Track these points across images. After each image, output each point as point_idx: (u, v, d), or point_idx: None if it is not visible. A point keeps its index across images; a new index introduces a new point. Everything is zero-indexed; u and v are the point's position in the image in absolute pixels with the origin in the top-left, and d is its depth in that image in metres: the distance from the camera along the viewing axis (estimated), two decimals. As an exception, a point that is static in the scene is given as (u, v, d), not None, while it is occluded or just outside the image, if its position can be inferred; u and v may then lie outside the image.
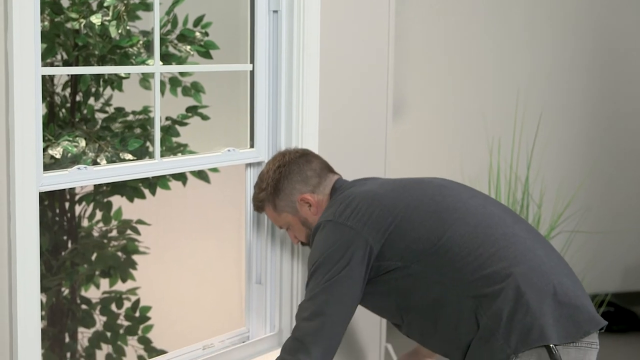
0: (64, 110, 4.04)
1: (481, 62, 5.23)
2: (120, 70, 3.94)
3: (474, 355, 2.37)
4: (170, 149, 3.94)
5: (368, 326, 3.46)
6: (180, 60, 3.85)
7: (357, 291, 2.49)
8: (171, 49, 3.88)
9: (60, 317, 4.14)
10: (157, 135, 2.77)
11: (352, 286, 2.47)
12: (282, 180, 2.71)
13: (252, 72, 3.01)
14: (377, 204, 2.53)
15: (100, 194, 4.13)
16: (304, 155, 2.77)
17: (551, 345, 2.30)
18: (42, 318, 3.97)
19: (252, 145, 3.04)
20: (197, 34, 3.90)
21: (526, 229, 2.55)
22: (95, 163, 3.59)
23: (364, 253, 2.47)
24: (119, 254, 4.18)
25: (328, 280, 2.45)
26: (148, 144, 3.88)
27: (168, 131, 3.94)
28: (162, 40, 3.83)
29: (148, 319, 4.22)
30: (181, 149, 4.00)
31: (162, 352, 3.99)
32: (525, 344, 2.30)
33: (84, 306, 4.20)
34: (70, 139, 3.57)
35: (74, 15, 3.65)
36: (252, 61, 3.00)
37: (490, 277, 2.38)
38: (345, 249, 2.47)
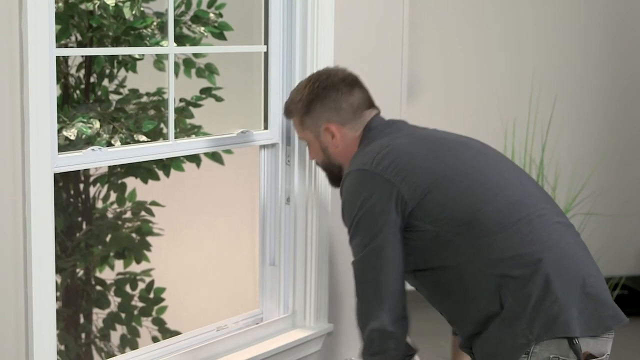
0: (78, 91, 4.04)
1: (496, 43, 5.21)
2: (135, 51, 3.94)
3: (494, 334, 2.33)
4: (184, 130, 3.95)
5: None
6: (194, 42, 3.85)
7: (400, 244, 2.40)
8: (185, 30, 3.87)
9: (75, 298, 4.16)
10: (171, 116, 2.77)
11: (395, 241, 2.39)
12: (316, 101, 2.61)
13: (266, 54, 3.00)
14: (416, 162, 2.43)
15: (115, 175, 4.14)
16: (349, 85, 2.64)
17: (574, 338, 2.27)
18: (57, 299, 3.98)
19: (266, 127, 3.04)
20: (211, 15, 3.89)
21: (559, 212, 2.49)
22: (109, 144, 3.60)
23: (401, 208, 2.38)
24: (133, 235, 4.19)
25: (372, 240, 2.39)
26: (162, 125, 3.88)
27: (182, 113, 3.94)
28: (176, 22, 3.82)
29: (162, 300, 4.24)
30: (195, 130, 4.00)
31: (176, 333, 4.01)
32: (549, 333, 2.27)
33: (98, 287, 4.22)
34: (85, 120, 3.58)
35: (88, -4, 3.64)
36: (266, 42, 2.99)
37: (520, 258, 2.33)
38: (384, 202, 2.38)
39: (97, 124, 3.59)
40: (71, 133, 3.47)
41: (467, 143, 2.59)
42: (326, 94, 2.60)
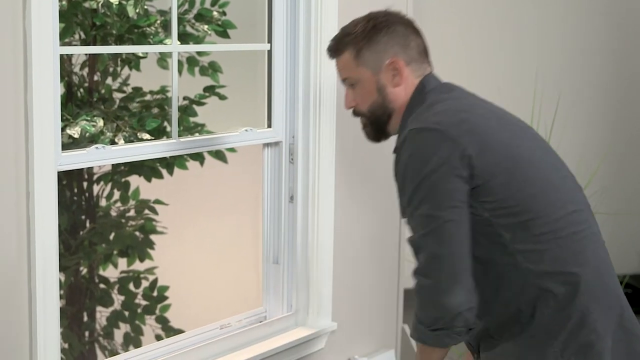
0: (82, 89, 4.04)
1: (498, 44, 5.20)
2: (138, 49, 3.94)
3: (519, 350, 2.20)
4: (188, 128, 3.95)
5: (385, 306, 3.47)
6: (198, 40, 3.85)
7: (467, 217, 2.13)
8: (189, 29, 3.88)
9: (79, 296, 4.16)
10: (175, 115, 2.77)
11: (466, 214, 2.12)
12: (382, 32, 2.30)
13: (269, 52, 3.00)
14: (493, 138, 2.18)
15: (118, 173, 4.14)
16: (412, 26, 2.36)
17: None
18: (61, 297, 3.99)
19: (269, 125, 3.04)
20: (215, 13, 3.90)
21: (596, 223, 2.32)
22: (113, 143, 3.60)
23: (470, 180, 2.12)
24: (137, 233, 4.20)
25: (444, 211, 2.10)
26: (165, 123, 3.88)
27: (186, 111, 3.94)
28: (180, 20, 3.82)
29: (166, 298, 4.25)
30: (199, 128, 4.00)
31: (180, 331, 4.01)
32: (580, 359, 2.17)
33: (102, 285, 4.22)
34: (88, 118, 3.58)
35: (91, -6, 3.65)
36: (269, 41, 2.99)
37: (567, 276, 2.16)
38: (457, 170, 2.11)
39: (100, 122, 3.60)
40: (75, 131, 3.47)
41: (525, 128, 2.35)
42: (394, 27, 2.31)
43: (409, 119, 2.27)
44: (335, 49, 2.36)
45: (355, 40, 2.31)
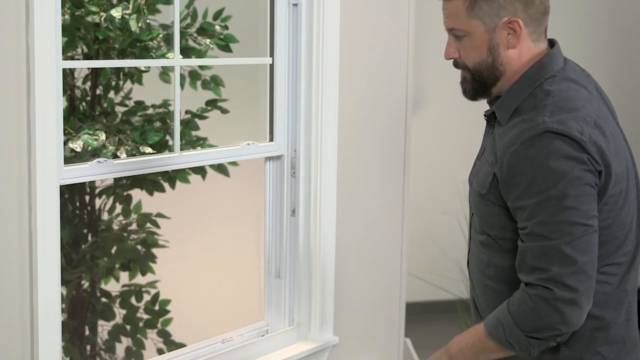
0: (84, 103, 4.05)
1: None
2: (141, 63, 3.95)
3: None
4: (190, 142, 3.95)
5: (387, 320, 3.46)
6: (200, 54, 3.86)
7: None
8: (191, 43, 3.88)
9: (81, 310, 4.16)
10: (177, 128, 2.77)
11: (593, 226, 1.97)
12: None
13: (271, 66, 3.00)
14: (612, 147, 2.03)
15: (120, 187, 4.14)
16: None
17: None
18: (63, 311, 3.99)
19: (271, 139, 3.04)
20: (217, 27, 3.90)
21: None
22: (115, 156, 3.60)
23: (599, 190, 1.99)
24: (139, 247, 4.20)
25: (586, 221, 1.94)
26: (168, 137, 3.89)
27: (188, 124, 3.95)
28: (182, 34, 3.83)
29: (167, 312, 4.24)
30: (201, 142, 4.01)
31: (182, 345, 4.00)
32: None
33: (103, 299, 4.22)
34: (91, 132, 3.58)
35: (94, 8, 3.65)
36: (271, 54, 3.00)
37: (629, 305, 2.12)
38: (593, 179, 1.96)
39: (102, 136, 3.60)
40: (77, 145, 3.47)
41: (621, 137, 2.17)
42: None
43: (528, 96, 2.06)
44: None
45: None
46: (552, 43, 2.16)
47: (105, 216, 4.24)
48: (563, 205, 1.92)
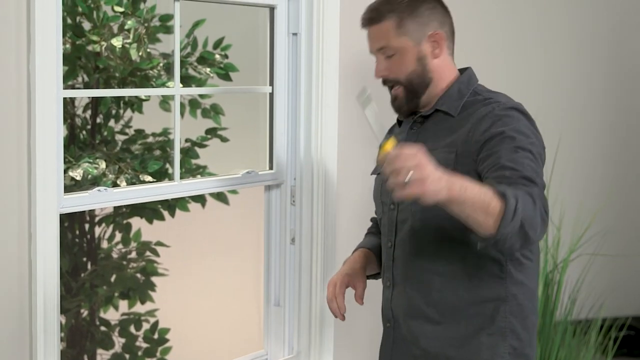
0: (84, 132, 4.06)
1: (498, 85, 5.23)
2: (141, 92, 3.97)
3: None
4: (190, 170, 3.96)
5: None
6: (200, 83, 3.88)
7: None
8: (191, 71, 3.90)
9: (80, 339, 4.15)
10: (177, 157, 2.78)
11: None
12: (425, 6, 2.33)
13: (271, 94, 3.02)
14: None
15: (120, 215, 4.15)
16: (447, 8, 2.39)
17: None
18: (62, 339, 3.98)
19: (271, 167, 3.05)
20: (217, 56, 3.93)
21: None
22: (115, 185, 3.61)
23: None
24: (138, 275, 4.20)
25: (541, 176, 2.15)
26: (167, 165, 3.89)
27: (187, 153, 3.96)
28: (183, 63, 3.85)
29: (167, 340, 4.23)
30: (200, 170, 4.01)
31: (181, 374, 3.99)
32: None
33: (103, 328, 4.21)
34: (91, 160, 3.60)
35: (95, 38, 3.68)
36: (271, 83, 3.01)
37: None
38: (542, 150, 2.27)
39: (102, 164, 3.61)
40: (77, 173, 3.48)
41: None
42: (434, 4, 2.35)
43: (469, 95, 2.34)
44: (375, 17, 2.33)
45: (399, 10, 2.31)
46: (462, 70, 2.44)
47: (104, 244, 4.25)
48: (529, 149, 2.15)
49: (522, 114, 2.26)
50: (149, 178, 3.71)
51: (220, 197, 3.97)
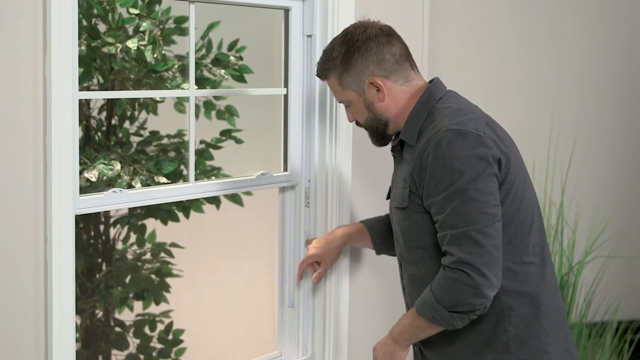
0: (99, 133, 4.07)
1: (513, 86, 5.22)
2: (156, 94, 3.96)
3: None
4: (204, 172, 3.97)
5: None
6: (215, 84, 3.88)
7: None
8: (206, 73, 3.91)
9: (94, 339, 4.16)
10: (192, 158, 2.79)
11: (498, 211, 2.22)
12: (356, 56, 2.39)
13: (286, 96, 3.02)
14: (505, 140, 2.32)
15: (135, 216, 4.16)
16: (388, 36, 2.42)
17: None
18: (77, 340, 3.99)
19: (285, 169, 3.05)
20: (232, 58, 3.93)
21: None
22: (130, 186, 3.62)
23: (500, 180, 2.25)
24: (153, 276, 4.20)
25: (494, 206, 2.19)
26: (182, 167, 3.90)
27: (202, 154, 3.96)
28: (197, 65, 3.86)
29: (181, 341, 4.24)
30: (215, 172, 4.02)
31: (195, 375, 4.00)
32: None
33: (117, 329, 4.22)
34: (106, 162, 3.61)
35: (110, 40, 3.69)
36: (286, 85, 3.01)
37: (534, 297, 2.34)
38: (490, 168, 2.22)
39: (118, 166, 3.62)
40: (92, 175, 3.49)
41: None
42: (366, 47, 2.39)
43: (426, 117, 2.37)
44: (321, 75, 2.49)
45: (335, 68, 2.43)
46: (431, 80, 2.48)
47: (119, 245, 4.26)
48: (466, 197, 2.18)
49: (454, 136, 2.23)
50: (164, 179, 3.71)
51: (234, 198, 3.98)
